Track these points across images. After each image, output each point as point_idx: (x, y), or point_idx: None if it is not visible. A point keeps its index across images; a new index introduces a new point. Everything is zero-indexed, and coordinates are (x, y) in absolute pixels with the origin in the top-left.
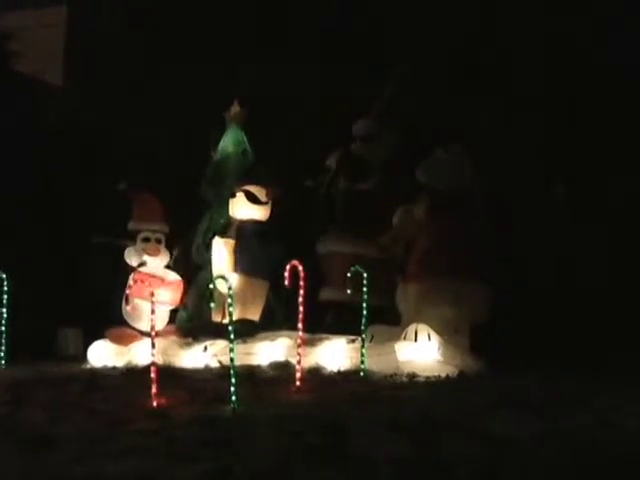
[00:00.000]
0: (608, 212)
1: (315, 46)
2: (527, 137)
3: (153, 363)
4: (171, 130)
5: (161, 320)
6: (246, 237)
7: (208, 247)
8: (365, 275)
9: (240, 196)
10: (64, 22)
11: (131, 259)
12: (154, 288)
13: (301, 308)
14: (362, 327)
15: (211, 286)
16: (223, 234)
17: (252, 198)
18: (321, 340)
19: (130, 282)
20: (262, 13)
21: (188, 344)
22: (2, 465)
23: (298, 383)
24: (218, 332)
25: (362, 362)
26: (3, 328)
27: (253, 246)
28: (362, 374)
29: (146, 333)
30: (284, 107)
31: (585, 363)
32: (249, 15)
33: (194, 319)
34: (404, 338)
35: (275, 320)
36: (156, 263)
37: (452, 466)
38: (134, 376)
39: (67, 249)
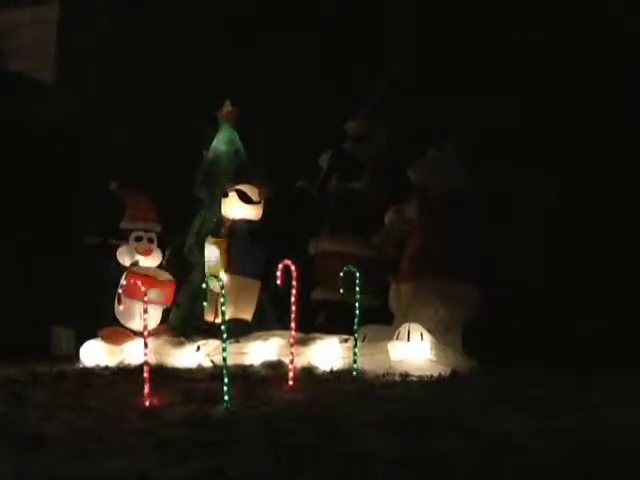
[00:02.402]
0: (600, 212)
1: (309, 45)
2: (519, 137)
3: (146, 363)
4: (163, 129)
5: (154, 320)
6: (238, 237)
7: (200, 247)
8: (357, 275)
9: (232, 196)
10: (56, 20)
11: (123, 258)
12: (146, 288)
13: (294, 307)
14: (355, 327)
15: (204, 286)
16: (215, 234)
17: (244, 198)
18: (314, 340)
19: (122, 282)
20: (256, 11)
21: (181, 344)
22: None
23: (291, 382)
24: (211, 332)
25: (355, 361)
26: None
27: (245, 245)
28: (355, 373)
29: (139, 333)
30: (276, 106)
31: (576, 361)
32: (243, 13)
33: (186, 319)
34: (397, 338)
35: (267, 320)
36: (148, 263)
37: (445, 465)
38: (127, 376)
39: (59, 249)
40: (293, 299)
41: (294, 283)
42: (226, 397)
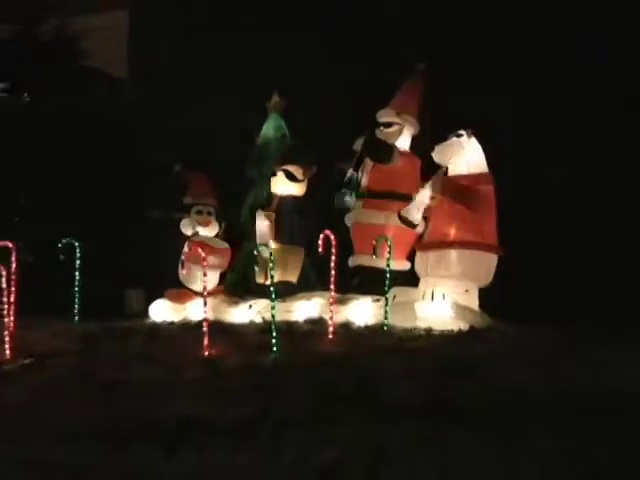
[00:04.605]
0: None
1: (348, 33)
2: (530, 121)
3: (205, 319)
4: (222, 118)
5: (212, 282)
6: (285, 210)
7: (253, 219)
8: (389, 243)
9: (280, 175)
10: (127, 24)
11: (186, 229)
12: (206, 254)
13: (333, 272)
14: (385, 288)
15: (255, 253)
16: (265, 208)
17: (290, 176)
18: (350, 299)
19: (185, 249)
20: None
21: (235, 302)
22: (74, 405)
23: (330, 336)
24: (261, 292)
25: (385, 318)
26: (77, 289)
27: (291, 218)
28: (385, 328)
29: (199, 293)
30: (318, 95)
31: (586, 318)
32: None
33: (240, 281)
34: (422, 298)
35: (310, 282)
36: (207, 232)
37: (463, 410)
38: (189, 330)
39: (133, 221)
40: (332, 264)
41: (333, 250)
42: (274, 348)
